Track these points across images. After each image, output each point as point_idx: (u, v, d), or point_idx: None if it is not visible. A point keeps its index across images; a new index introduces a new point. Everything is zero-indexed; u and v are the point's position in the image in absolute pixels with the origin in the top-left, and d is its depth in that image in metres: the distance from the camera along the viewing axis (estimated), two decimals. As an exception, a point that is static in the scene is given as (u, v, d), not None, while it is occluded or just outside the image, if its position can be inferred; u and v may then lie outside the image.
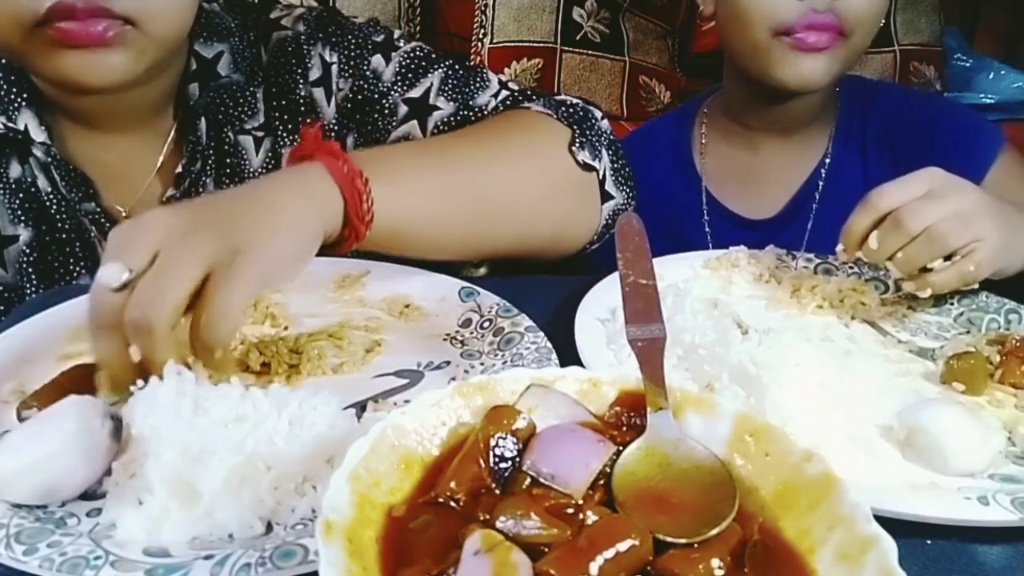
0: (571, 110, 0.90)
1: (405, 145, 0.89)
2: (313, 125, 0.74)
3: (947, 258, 0.76)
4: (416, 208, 0.73)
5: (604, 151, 0.90)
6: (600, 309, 0.77)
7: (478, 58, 2.01)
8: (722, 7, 1.09)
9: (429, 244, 0.78)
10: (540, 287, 0.84)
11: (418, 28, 2.09)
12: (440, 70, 0.94)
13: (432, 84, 0.93)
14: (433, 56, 0.95)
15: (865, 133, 1.15)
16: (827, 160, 1.15)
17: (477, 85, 0.94)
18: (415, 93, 0.93)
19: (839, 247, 0.81)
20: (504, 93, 0.94)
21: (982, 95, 2.15)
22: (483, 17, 2.01)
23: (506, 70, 2.00)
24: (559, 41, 2.02)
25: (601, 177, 0.89)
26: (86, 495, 0.54)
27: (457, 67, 0.95)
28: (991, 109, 2.15)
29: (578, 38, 2.03)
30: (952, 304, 0.83)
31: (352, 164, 0.66)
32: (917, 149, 1.09)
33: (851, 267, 0.90)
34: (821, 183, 1.15)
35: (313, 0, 1.93)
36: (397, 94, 0.93)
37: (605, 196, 0.90)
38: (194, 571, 0.47)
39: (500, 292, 0.79)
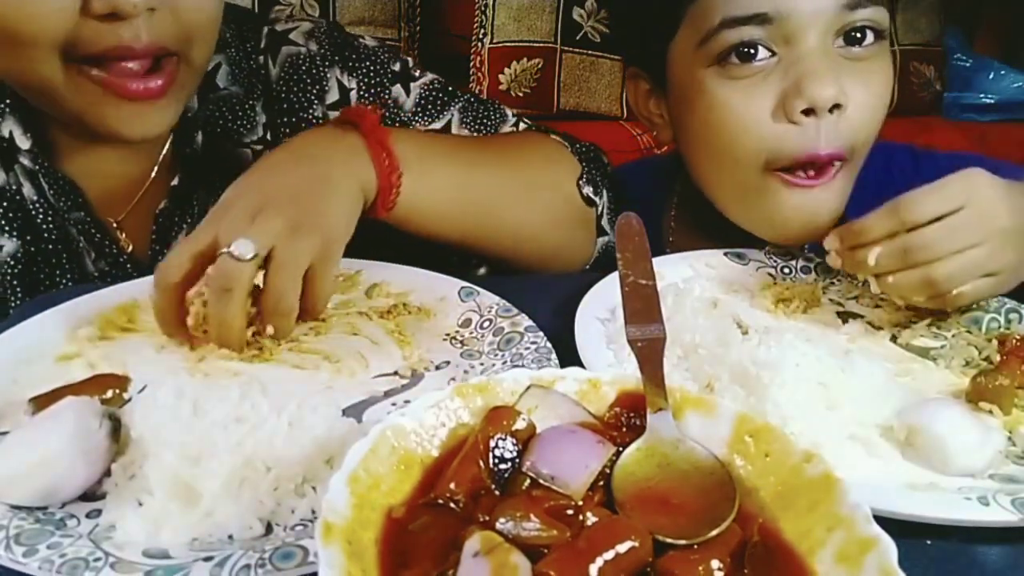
0: (584, 148, 0.96)
1: (442, 140, 0.92)
2: (377, 111, 0.81)
3: None
4: (433, 205, 0.80)
5: (605, 191, 0.95)
6: (600, 309, 0.77)
7: (478, 58, 2.01)
8: (688, 134, 0.88)
9: (431, 233, 0.84)
10: (540, 287, 0.84)
11: (418, 28, 2.09)
12: (459, 103, 0.98)
13: (452, 117, 0.97)
14: (450, 90, 0.99)
15: None
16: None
17: (496, 119, 0.98)
18: (436, 125, 0.97)
19: (830, 242, 0.74)
20: (523, 125, 0.99)
21: (982, 95, 2.15)
22: (483, 17, 2.01)
23: (506, 70, 2.00)
24: (559, 41, 2.02)
25: (599, 213, 0.94)
26: (86, 496, 0.54)
27: (474, 102, 0.99)
28: (991, 109, 2.15)
29: (578, 38, 2.02)
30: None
31: (394, 159, 0.75)
32: None
33: None
34: None
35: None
36: (420, 125, 0.96)
37: (600, 231, 0.95)
38: (194, 572, 0.47)
39: (500, 292, 0.78)
